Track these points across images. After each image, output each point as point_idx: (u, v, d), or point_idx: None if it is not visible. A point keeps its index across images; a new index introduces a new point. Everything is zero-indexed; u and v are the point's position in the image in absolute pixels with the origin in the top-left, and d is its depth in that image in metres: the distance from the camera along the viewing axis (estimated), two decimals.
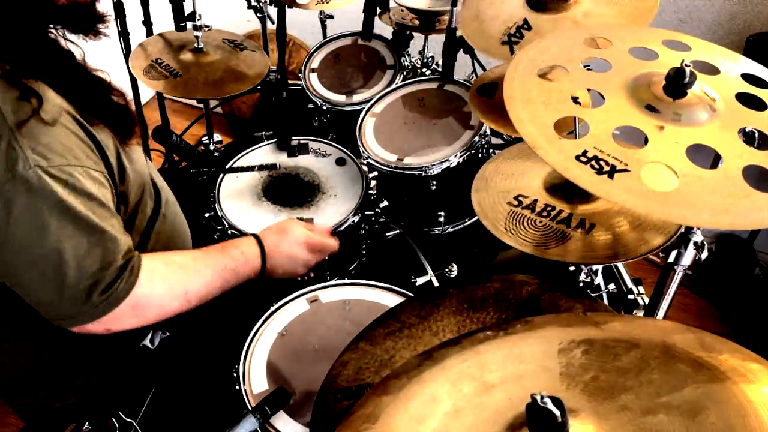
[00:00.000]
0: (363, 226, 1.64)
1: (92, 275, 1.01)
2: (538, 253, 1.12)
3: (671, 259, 0.96)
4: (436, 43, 1.94)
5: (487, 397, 0.66)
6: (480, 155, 1.71)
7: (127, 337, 1.11)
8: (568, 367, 0.67)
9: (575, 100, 0.95)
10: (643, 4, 1.32)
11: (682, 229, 0.95)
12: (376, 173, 1.70)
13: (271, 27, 2.25)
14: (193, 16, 1.97)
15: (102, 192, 1.04)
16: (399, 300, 1.31)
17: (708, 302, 2.37)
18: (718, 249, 2.38)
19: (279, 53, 2.04)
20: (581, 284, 1.30)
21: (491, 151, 1.80)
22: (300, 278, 1.41)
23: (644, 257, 1.07)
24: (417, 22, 2.05)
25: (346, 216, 1.58)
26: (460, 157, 1.65)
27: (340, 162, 1.74)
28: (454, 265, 1.61)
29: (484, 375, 0.69)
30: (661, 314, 1.05)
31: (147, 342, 1.32)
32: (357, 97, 1.97)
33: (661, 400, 0.60)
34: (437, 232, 1.78)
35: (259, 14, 2.27)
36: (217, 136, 2.32)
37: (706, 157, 0.87)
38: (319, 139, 1.82)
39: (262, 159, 1.76)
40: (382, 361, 1.03)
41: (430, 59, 2.10)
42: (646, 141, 0.87)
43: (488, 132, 1.72)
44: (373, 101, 1.85)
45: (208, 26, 2.02)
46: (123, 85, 1.21)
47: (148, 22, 2.20)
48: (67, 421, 1.47)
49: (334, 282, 1.39)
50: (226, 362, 1.23)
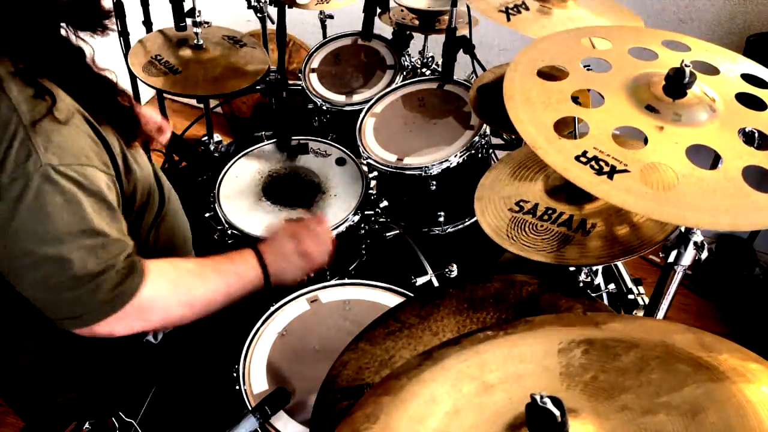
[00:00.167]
0: (363, 226, 1.64)
1: (96, 276, 1.01)
2: (557, 260, 1.11)
3: (671, 259, 0.96)
4: (436, 43, 1.94)
5: (487, 397, 0.66)
6: (480, 155, 1.71)
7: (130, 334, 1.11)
8: (568, 367, 0.67)
9: (575, 100, 0.95)
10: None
11: (682, 229, 0.95)
12: (376, 173, 1.70)
13: (271, 27, 2.25)
14: (192, 13, 1.97)
15: (110, 193, 1.04)
16: (399, 300, 1.31)
17: (708, 302, 2.37)
18: (718, 249, 2.38)
19: (279, 53, 2.04)
20: (581, 284, 1.30)
21: (491, 151, 1.80)
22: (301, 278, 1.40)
23: (644, 257, 1.07)
24: (417, 22, 2.05)
25: (346, 216, 1.58)
26: (460, 157, 1.65)
27: (340, 162, 1.74)
28: (454, 265, 1.61)
29: (484, 375, 0.69)
30: (661, 314, 1.05)
31: (150, 337, 1.33)
32: (357, 97, 1.97)
33: (661, 399, 0.60)
34: (437, 232, 1.78)
35: (259, 14, 2.27)
36: (217, 136, 2.32)
37: (706, 157, 0.87)
38: (319, 139, 1.82)
39: (262, 159, 1.76)
40: (382, 361, 1.03)
41: (430, 59, 2.10)
42: (646, 141, 0.87)
43: (488, 132, 1.72)
44: (373, 101, 1.86)
45: (208, 22, 2.02)
46: (122, 85, 1.21)
47: (148, 22, 2.20)
48: (67, 420, 1.46)
49: (334, 282, 1.39)
50: (226, 362, 1.23)
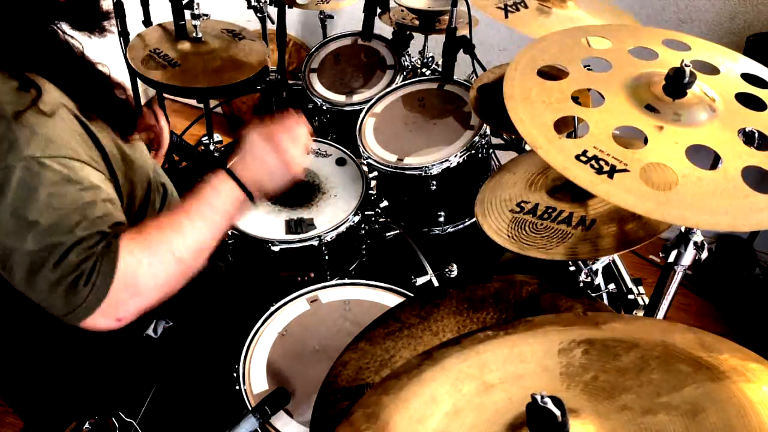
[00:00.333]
0: (363, 226, 1.64)
1: (77, 267, 0.96)
2: (569, 257, 1.10)
3: (671, 259, 0.95)
4: (436, 43, 1.94)
5: (487, 397, 0.66)
6: (480, 155, 1.71)
7: (131, 326, 1.09)
8: (568, 367, 0.67)
9: (575, 100, 0.95)
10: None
11: (682, 229, 0.95)
12: (376, 173, 1.70)
13: (271, 27, 2.25)
14: (191, 5, 1.95)
15: (107, 188, 1.03)
16: (399, 300, 1.31)
17: (708, 302, 2.37)
18: (718, 249, 2.38)
19: (279, 53, 2.04)
20: (581, 284, 1.30)
21: (491, 151, 1.80)
22: (300, 278, 1.40)
23: (644, 257, 1.07)
24: (417, 22, 2.05)
25: (347, 216, 1.58)
26: (460, 157, 1.65)
27: (340, 162, 1.74)
28: (454, 265, 1.61)
29: (484, 375, 0.69)
30: (661, 314, 1.05)
31: (150, 332, 1.32)
32: (357, 97, 1.97)
33: (661, 399, 0.60)
34: (437, 232, 1.78)
35: (259, 14, 2.27)
36: (217, 136, 2.32)
37: (706, 157, 0.87)
38: (319, 139, 1.82)
39: None
40: (382, 361, 1.03)
41: (430, 59, 2.10)
42: (646, 141, 0.87)
43: (488, 132, 1.72)
44: (373, 101, 1.85)
45: (207, 15, 2.00)
46: (117, 78, 1.20)
47: (147, 22, 2.20)
48: (67, 419, 1.46)
49: (334, 282, 1.39)
50: (226, 362, 1.23)
